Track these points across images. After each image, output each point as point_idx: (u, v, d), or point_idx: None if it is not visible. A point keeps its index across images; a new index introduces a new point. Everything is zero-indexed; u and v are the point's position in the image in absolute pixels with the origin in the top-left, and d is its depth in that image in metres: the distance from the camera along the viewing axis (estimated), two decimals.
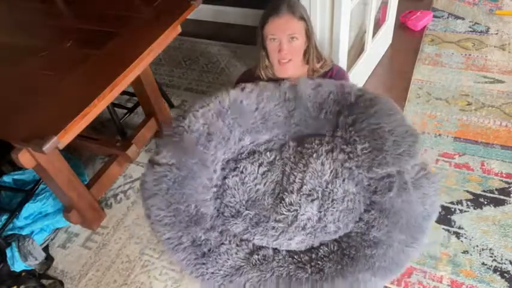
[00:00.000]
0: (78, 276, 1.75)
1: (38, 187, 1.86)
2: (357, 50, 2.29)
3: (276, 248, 1.17)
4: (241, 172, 1.23)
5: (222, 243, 1.15)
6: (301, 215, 1.15)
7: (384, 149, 1.15)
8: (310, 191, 1.17)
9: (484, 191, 1.76)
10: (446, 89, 2.25)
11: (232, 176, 1.23)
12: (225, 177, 1.25)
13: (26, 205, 1.80)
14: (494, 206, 1.71)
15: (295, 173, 1.20)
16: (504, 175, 1.81)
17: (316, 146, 1.24)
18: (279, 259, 1.15)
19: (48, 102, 1.43)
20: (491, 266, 1.54)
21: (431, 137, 2.01)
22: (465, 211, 1.71)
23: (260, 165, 1.24)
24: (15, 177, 1.96)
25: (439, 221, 1.69)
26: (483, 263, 1.55)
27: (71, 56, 1.64)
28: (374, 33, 2.19)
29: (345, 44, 1.83)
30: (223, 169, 1.27)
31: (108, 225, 1.91)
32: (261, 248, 1.17)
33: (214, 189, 1.23)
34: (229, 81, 2.52)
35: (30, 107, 1.42)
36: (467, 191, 1.77)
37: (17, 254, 1.72)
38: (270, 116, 1.28)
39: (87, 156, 2.23)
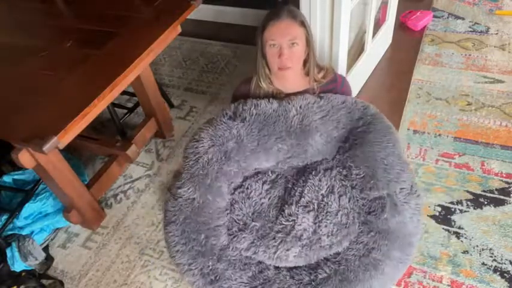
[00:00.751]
0: (78, 276, 1.75)
1: (38, 187, 1.86)
2: (357, 50, 2.29)
3: (277, 268, 1.23)
4: (247, 188, 1.32)
5: (227, 270, 1.25)
6: (298, 225, 1.23)
7: (375, 176, 1.23)
8: (307, 203, 1.26)
9: (484, 191, 1.76)
10: (446, 89, 2.25)
11: (239, 193, 1.32)
12: (232, 194, 1.33)
13: (26, 205, 1.80)
14: (494, 206, 1.71)
15: (295, 188, 1.29)
16: (504, 175, 1.81)
17: (316, 165, 1.31)
18: (280, 280, 1.24)
19: (48, 102, 1.43)
20: (491, 266, 1.54)
21: (431, 137, 2.01)
22: (465, 211, 1.71)
23: (264, 182, 1.33)
24: (15, 177, 1.96)
25: (439, 221, 1.69)
26: (483, 263, 1.55)
27: (71, 56, 1.64)
28: (374, 33, 2.19)
29: (345, 44, 1.83)
30: (232, 192, 1.34)
31: (108, 225, 1.91)
32: (262, 270, 1.26)
33: (228, 211, 1.29)
34: (230, 81, 2.52)
35: (30, 107, 1.42)
36: (467, 191, 1.77)
37: (17, 254, 1.72)
38: (272, 150, 1.30)
39: (87, 156, 2.23)
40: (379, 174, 1.22)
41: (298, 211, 1.24)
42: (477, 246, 1.60)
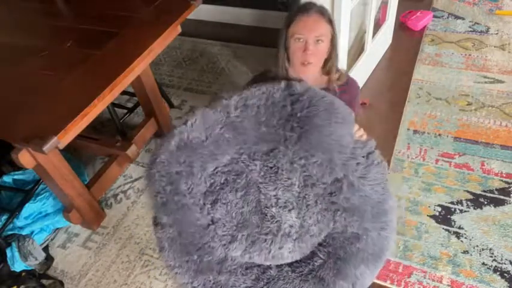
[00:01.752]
0: (78, 276, 1.75)
1: (38, 187, 1.86)
2: (357, 50, 2.29)
3: (278, 266, 1.26)
4: (223, 203, 1.29)
5: (229, 279, 1.26)
6: (284, 223, 1.23)
7: (332, 161, 1.21)
8: (285, 202, 1.25)
9: (484, 191, 1.76)
10: (446, 89, 2.25)
11: (217, 209, 1.29)
12: (209, 214, 1.29)
13: (26, 205, 1.80)
14: (494, 206, 1.71)
15: (268, 191, 1.27)
16: (504, 175, 1.81)
17: (276, 162, 1.28)
18: (284, 276, 1.25)
19: (48, 102, 1.43)
20: (491, 266, 1.54)
21: (431, 137, 2.01)
22: (465, 211, 1.71)
23: (236, 191, 1.30)
24: (15, 177, 1.96)
25: (439, 221, 1.69)
26: (483, 263, 1.55)
27: (71, 56, 1.64)
28: (374, 33, 2.19)
29: (345, 44, 1.83)
30: (204, 204, 1.30)
31: (108, 225, 1.91)
32: (264, 271, 1.26)
33: (213, 226, 1.29)
34: (230, 81, 2.52)
35: (30, 107, 1.42)
36: (467, 191, 1.77)
37: (17, 254, 1.72)
38: (221, 141, 1.27)
39: (87, 156, 2.23)
40: (335, 158, 1.21)
41: (279, 212, 1.25)
42: (477, 246, 1.60)
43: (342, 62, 1.89)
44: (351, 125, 1.24)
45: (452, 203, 1.75)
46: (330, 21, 1.27)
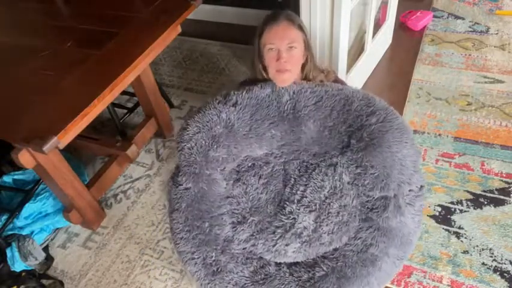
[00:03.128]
0: (78, 276, 1.75)
1: (38, 187, 1.86)
2: (357, 50, 2.29)
3: (278, 264, 1.23)
4: (244, 183, 1.30)
5: (229, 262, 1.25)
6: (299, 223, 1.23)
7: (390, 177, 1.20)
8: (309, 202, 1.24)
9: (484, 191, 1.76)
10: (446, 89, 2.25)
11: (236, 187, 1.30)
12: (229, 187, 1.32)
13: (26, 205, 1.80)
14: (494, 206, 1.71)
15: (297, 186, 1.27)
16: (504, 175, 1.81)
17: (319, 161, 1.28)
18: (281, 276, 1.24)
19: (48, 102, 1.43)
20: (491, 266, 1.54)
21: (431, 137, 2.01)
22: (465, 211, 1.71)
23: (260, 177, 1.30)
24: (15, 177, 1.96)
25: (439, 221, 1.69)
26: (483, 263, 1.55)
27: (71, 56, 1.64)
28: (374, 33, 2.19)
29: (345, 44, 1.83)
30: (227, 180, 1.32)
31: (108, 225, 1.91)
32: (263, 266, 1.26)
33: (230, 200, 1.29)
34: (230, 81, 2.52)
35: (30, 107, 1.42)
36: (467, 191, 1.77)
37: (17, 254, 1.72)
38: (265, 136, 1.26)
39: (87, 156, 2.23)
40: (393, 175, 1.20)
41: (299, 210, 1.23)
42: (477, 246, 1.60)
43: (342, 62, 1.89)
44: (417, 152, 1.24)
45: (452, 203, 1.75)
46: (301, 27, 1.27)
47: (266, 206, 1.27)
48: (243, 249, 1.27)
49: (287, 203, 1.26)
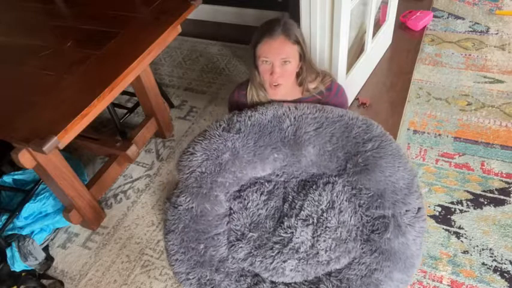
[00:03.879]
0: (78, 276, 1.75)
1: (38, 187, 1.86)
2: (357, 50, 2.29)
3: (273, 282, 1.23)
4: (244, 199, 1.33)
5: (223, 280, 1.26)
6: (296, 237, 1.24)
7: (383, 196, 1.25)
8: (306, 216, 1.27)
9: (484, 191, 1.76)
10: (446, 89, 2.25)
11: (238, 203, 1.33)
12: (229, 202, 1.34)
13: (26, 205, 1.80)
14: (494, 206, 1.71)
15: (295, 201, 1.30)
16: (504, 175, 1.81)
17: (316, 179, 1.33)
18: None
19: (48, 102, 1.43)
20: (491, 266, 1.54)
21: (431, 137, 2.01)
22: (465, 211, 1.71)
23: (261, 193, 1.34)
24: (15, 177, 1.96)
25: (439, 221, 1.69)
26: (483, 263, 1.55)
27: (71, 56, 1.64)
28: (374, 33, 2.19)
29: (345, 44, 1.83)
30: (229, 199, 1.35)
31: (108, 225, 1.91)
32: (258, 283, 1.27)
33: (227, 219, 1.30)
34: (230, 81, 2.52)
35: (30, 107, 1.42)
36: (467, 191, 1.77)
37: (17, 254, 1.72)
38: (268, 160, 1.31)
39: (87, 156, 2.23)
40: (387, 195, 1.24)
41: (297, 224, 1.25)
42: (477, 246, 1.60)
43: (342, 62, 1.89)
44: (411, 175, 1.28)
45: (452, 203, 1.75)
46: (297, 41, 1.25)
47: (265, 222, 1.30)
48: (238, 266, 1.28)
49: (286, 218, 1.28)
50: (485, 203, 1.72)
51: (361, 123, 1.27)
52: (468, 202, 1.74)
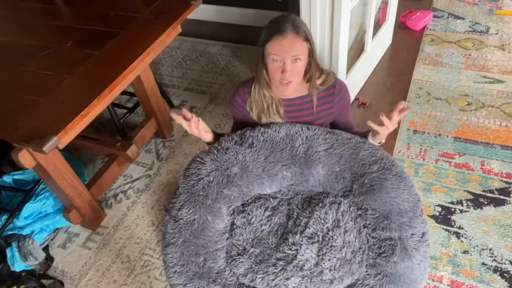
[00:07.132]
0: (78, 276, 1.75)
1: (38, 187, 1.86)
2: (357, 50, 2.29)
3: None
4: (248, 214, 1.33)
5: None
6: (301, 255, 1.23)
7: (389, 217, 1.26)
8: (312, 234, 1.26)
9: (484, 191, 1.76)
10: (446, 89, 2.25)
11: (241, 217, 1.33)
12: (233, 219, 1.34)
13: (26, 205, 1.80)
14: (494, 206, 1.71)
15: (300, 218, 1.30)
16: (504, 175, 1.81)
17: (322, 197, 1.33)
18: None
19: (48, 102, 1.43)
20: (491, 266, 1.54)
21: (431, 137, 2.01)
22: (465, 211, 1.71)
23: (266, 209, 1.33)
24: (15, 177, 1.96)
25: (439, 221, 1.69)
26: (483, 263, 1.55)
27: (71, 56, 1.64)
28: (374, 33, 2.19)
29: (345, 44, 1.83)
30: (232, 213, 1.35)
31: (108, 225, 1.91)
32: None
33: (227, 235, 1.30)
34: (230, 81, 2.52)
35: (30, 107, 1.42)
36: (467, 191, 1.77)
37: (17, 254, 1.72)
38: (276, 177, 1.32)
39: (87, 156, 2.23)
40: (393, 217, 1.25)
41: (302, 241, 1.24)
42: (477, 246, 1.60)
43: (342, 62, 1.89)
44: (415, 199, 1.28)
45: (452, 203, 1.75)
46: (306, 38, 1.25)
47: (268, 238, 1.29)
48: (236, 280, 1.27)
49: (290, 234, 1.28)
50: (485, 203, 1.72)
51: (368, 146, 1.32)
52: (468, 202, 1.74)
